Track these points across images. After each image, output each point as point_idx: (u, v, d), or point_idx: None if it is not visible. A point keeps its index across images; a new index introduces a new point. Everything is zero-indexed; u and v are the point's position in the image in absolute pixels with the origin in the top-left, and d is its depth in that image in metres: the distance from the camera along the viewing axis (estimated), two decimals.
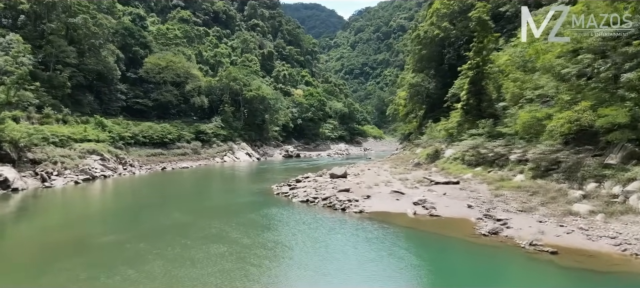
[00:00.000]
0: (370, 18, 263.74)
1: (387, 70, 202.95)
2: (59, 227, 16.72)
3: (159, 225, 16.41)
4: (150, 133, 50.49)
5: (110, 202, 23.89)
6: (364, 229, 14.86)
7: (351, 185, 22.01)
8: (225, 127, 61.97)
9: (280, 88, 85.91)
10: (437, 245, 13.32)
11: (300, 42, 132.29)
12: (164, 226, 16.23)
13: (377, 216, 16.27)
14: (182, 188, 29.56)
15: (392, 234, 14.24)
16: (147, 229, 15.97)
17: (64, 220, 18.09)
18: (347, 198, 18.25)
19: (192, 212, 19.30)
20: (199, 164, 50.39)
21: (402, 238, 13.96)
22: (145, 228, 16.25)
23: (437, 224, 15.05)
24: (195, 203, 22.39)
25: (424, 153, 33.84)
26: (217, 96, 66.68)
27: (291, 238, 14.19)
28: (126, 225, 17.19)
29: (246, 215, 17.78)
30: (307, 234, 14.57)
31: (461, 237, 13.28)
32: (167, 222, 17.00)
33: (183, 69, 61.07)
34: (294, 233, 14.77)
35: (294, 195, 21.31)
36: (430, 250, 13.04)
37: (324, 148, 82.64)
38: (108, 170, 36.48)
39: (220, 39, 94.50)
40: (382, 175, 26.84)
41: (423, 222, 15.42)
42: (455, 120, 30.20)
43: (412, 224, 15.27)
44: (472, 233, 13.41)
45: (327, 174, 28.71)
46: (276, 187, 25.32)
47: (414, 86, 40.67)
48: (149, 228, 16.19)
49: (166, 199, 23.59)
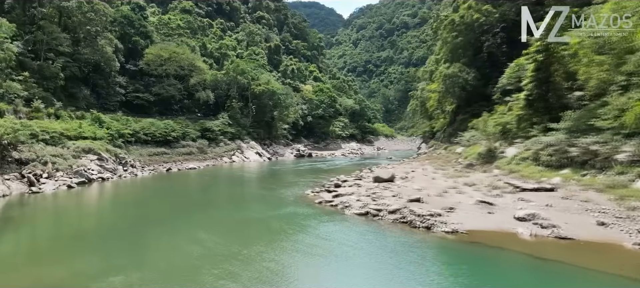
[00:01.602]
0: (372, 15, 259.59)
1: (392, 67, 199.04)
2: (36, 257, 12.16)
3: (184, 256, 11.54)
4: (153, 130, 46.02)
5: (110, 213, 19.21)
6: (480, 261, 10.47)
7: (412, 192, 17.60)
8: (232, 125, 57.45)
9: (288, 83, 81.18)
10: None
11: (306, 36, 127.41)
12: (191, 257, 11.23)
13: (479, 237, 11.85)
14: (197, 195, 24.92)
15: (525, 269, 9.84)
16: (167, 264, 11.03)
17: (46, 245, 13.33)
18: (427, 212, 13.76)
19: (224, 231, 14.62)
20: (207, 165, 45.87)
21: (544, 277, 9.52)
22: (165, 262, 11.26)
23: (572, 251, 10.60)
24: (222, 216, 17.52)
25: (471, 152, 29.45)
26: (224, 91, 62.14)
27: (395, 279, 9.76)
28: (134, 254, 12.08)
29: (301, 237, 13.12)
30: (413, 274, 10.04)
31: (625, 275, 8.92)
32: (194, 249, 11.93)
33: (187, 60, 56.54)
34: (390, 271, 10.31)
35: (343, 204, 16.83)
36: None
37: (334, 147, 78.16)
38: (106, 171, 31.95)
39: (225, 32, 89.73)
40: (438, 179, 22.44)
41: (550, 247, 10.98)
42: (515, 113, 25.79)
43: (538, 251, 10.79)
44: (637, 265, 9.09)
45: (367, 177, 24.45)
46: (312, 193, 20.95)
47: (450, 77, 36.20)
48: (169, 262, 11.16)
49: (182, 210, 18.99)
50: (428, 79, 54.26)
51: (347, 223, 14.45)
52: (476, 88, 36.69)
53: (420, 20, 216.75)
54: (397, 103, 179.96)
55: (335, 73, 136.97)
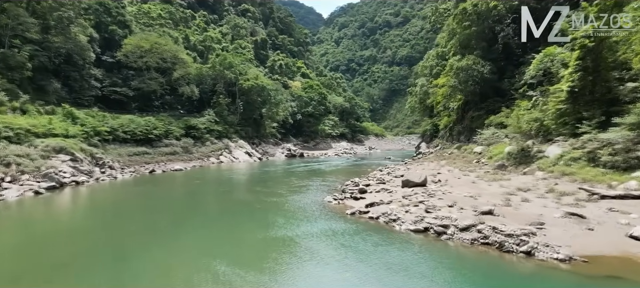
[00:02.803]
0: (354, 13, 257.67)
1: (375, 66, 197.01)
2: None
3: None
4: (133, 128, 41.76)
5: (84, 232, 15.03)
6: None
7: (469, 201, 14.42)
8: (219, 122, 53.35)
9: (276, 79, 77.04)
10: None
11: (292, 31, 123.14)
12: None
13: (603, 266, 8.72)
14: (194, 202, 20.79)
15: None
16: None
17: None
18: (515, 230, 10.49)
19: (250, 258, 10.84)
20: (193, 166, 41.78)
21: None
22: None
23: None
24: (239, 234, 13.39)
25: (496, 152, 26.55)
26: (209, 86, 57.81)
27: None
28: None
29: (366, 270, 9.67)
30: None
31: None
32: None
33: (170, 52, 51.95)
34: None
35: (387, 216, 13.46)
36: None
37: (325, 147, 74.75)
38: (81, 174, 27.72)
39: (208, 24, 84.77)
40: (479, 182, 19.34)
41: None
42: (552, 107, 22.94)
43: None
44: None
45: (391, 180, 21.27)
46: (335, 201, 17.52)
47: (464, 70, 33.30)
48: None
49: (183, 225, 15.12)
50: (428, 75, 51.46)
51: (410, 245, 11.02)
52: (490, 82, 33.96)
53: (403, 19, 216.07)
54: (381, 102, 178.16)
55: (322, 70, 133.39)
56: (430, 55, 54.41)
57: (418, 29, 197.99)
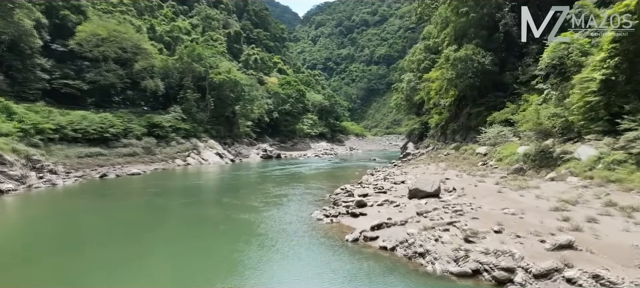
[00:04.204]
0: (331, 12, 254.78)
1: (353, 65, 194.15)
2: None
3: None
4: (85, 125, 36.59)
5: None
6: None
7: (516, 222, 10.42)
8: (187, 120, 48.23)
9: (251, 74, 71.87)
10: None
11: (268, 25, 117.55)
12: None
13: None
14: (129, 225, 15.39)
15: None
16: None
17: None
18: (615, 277, 6.46)
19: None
20: (155, 169, 36.69)
21: None
22: None
23: None
24: (204, 274, 9.22)
25: (506, 153, 22.95)
26: (176, 80, 52.37)
27: None
28: None
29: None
30: None
31: None
32: None
33: (131, 42, 46.41)
34: None
35: (410, 246, 9.33)
36: None
37: (303, 147, 70.31)
38: (9, 181, 22.75)
39: (177, 15, 78.57)
40: (507, 192, 15.41)
41: None
42: (579, 100, 19.35)
43: None
44: None
45: (391, 189, 17.27)
46: (327, 218, 13.30)
47: (463, 61, 29.65)
48: None
49: (126, 256, 10.58)
50: (416, 70, 47.81)
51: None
52: (491, 74, 30.51)
53: (381, 18, 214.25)
54: (360, 102, 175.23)
55: (299, 67, 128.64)
56: (417, 49, 50.88)
57: (396, 28, 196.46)
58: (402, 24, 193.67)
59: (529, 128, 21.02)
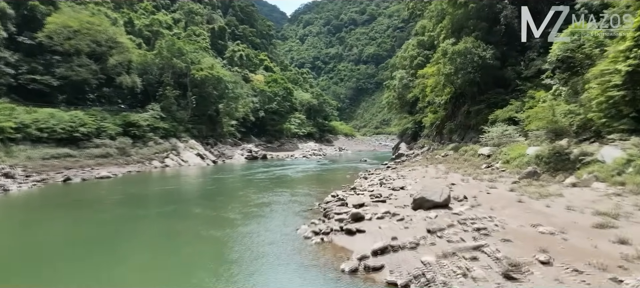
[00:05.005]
0: (319, 11, 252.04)
1: (341, 64, 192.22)
2: None
3: None
4: (52, 124, 33.67)
5: None
6: None
7: (562, 246, 8.09)
8: (166, 119, 45.24)
9: (235, 71, 68.83)
10: None
11: (254, 22, 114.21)
12: None
13: None
14: (86, 239, 12.18)
15: None
16: None
17: None
18: None
19: None
20: (129, 171, 33.80)
21: None
22: None
23: None
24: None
25: (514, 154, 20.81)
26: (155, 76, 49.23)
27: None
28: None
29: None
30: None
31: None
32: None
33: (105, 35, 43.26)
34: None
35: (429, 282, 6.87)
36: None
37: (291, 147, 67.68)
38: None
39: (158, 9, 75.01)
40: (527, 201, 13.13)
41: None
42: (600, 95, 17.22)
43: None
44: None
45: (392, 197, 14.98)
46: (315, 236, 10.96)
47: (462, 55, 27.49)
48: None
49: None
50: (409, 66, 45.62)
51: None
52: (492, 69, 28.45)
53: (369, 17, 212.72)
54: (348, 101, 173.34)
55: (287, 64, 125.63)
56: (409, 45, 48.72)
57: (385, 27, 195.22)
58: (390, 23, 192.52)
59: (542, 126, 18.86)
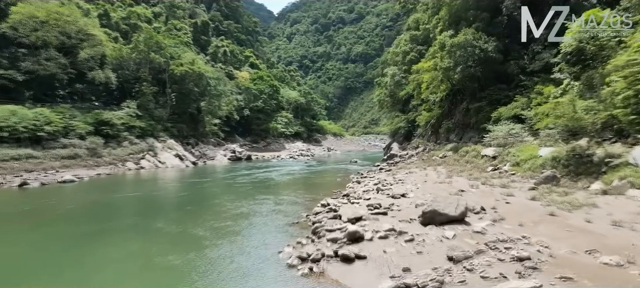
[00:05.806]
0: (307, 9, 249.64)
1: (329, 63, 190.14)
2: None
3: None
4: (13, 122, 30.53)
5: None
6: None
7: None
8: (143, 117, 42.26)
9: (219, 68, 65.80)
10: None
11: (239, 18, 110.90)
12: None
13: None
14: (32, 262, 10.15)
15: None
16: None
17: None
18: None
19: None
20: (98, 174, 30.87)
21: None
22: None
23: None
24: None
25: (525, 156, 18.65)
26: (131, 72, 46.16)
27: None
28: None
29: None
30: None
31: None
32: None
33: (76, 26, 40.08)
34: None
35: None
36: None
37: (277, 148, 65.06)
38: None
39: (138, 2, 71.38)
40: (569, 217, 10.83)
41: None
42: (633, 89, 15.07)
43: None
44: None
45: (393, 205, 12.68)
46: (304, 262, 8.50)
47: (461, 47, 25.30)
48: None
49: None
50: (401, 62, 43.37)
51: None
52: (494, 63, 26.34)
53: (357, 16, 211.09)
54: (337, 100, 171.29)
55: (273, 62, 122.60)
56: (401, 40, 46.48)
57: (373, 26, 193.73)
58: (379, 21, 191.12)
59: (561, 124, 16.68)
